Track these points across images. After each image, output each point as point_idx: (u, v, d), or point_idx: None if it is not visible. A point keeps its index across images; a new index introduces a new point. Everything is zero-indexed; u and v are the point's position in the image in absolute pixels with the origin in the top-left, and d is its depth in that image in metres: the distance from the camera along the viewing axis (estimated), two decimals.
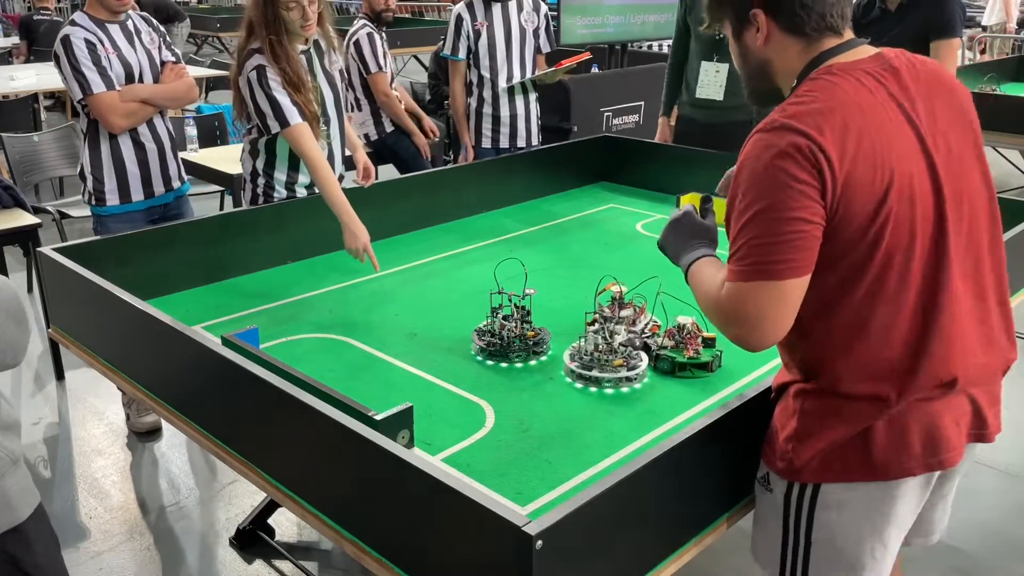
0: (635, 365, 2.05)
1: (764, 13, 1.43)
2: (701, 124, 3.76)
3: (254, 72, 2.64)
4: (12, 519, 1.51)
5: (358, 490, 1.52)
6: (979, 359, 1.45)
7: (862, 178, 1.32)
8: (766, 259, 1.33)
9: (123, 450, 3.26)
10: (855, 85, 1.36)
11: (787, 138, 1.31)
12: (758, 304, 1.36)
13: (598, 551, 1.36)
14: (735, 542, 2.62)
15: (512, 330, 2.18)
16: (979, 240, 1.46)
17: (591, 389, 2.02)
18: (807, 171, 1.30)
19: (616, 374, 2.02)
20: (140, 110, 3.04)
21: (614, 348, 2.07)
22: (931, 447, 1.42)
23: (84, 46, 2.90)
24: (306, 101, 2.68)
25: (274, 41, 2.62)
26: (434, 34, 9.20)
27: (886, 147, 1.33)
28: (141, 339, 2.07)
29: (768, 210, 1.32)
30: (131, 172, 3.09)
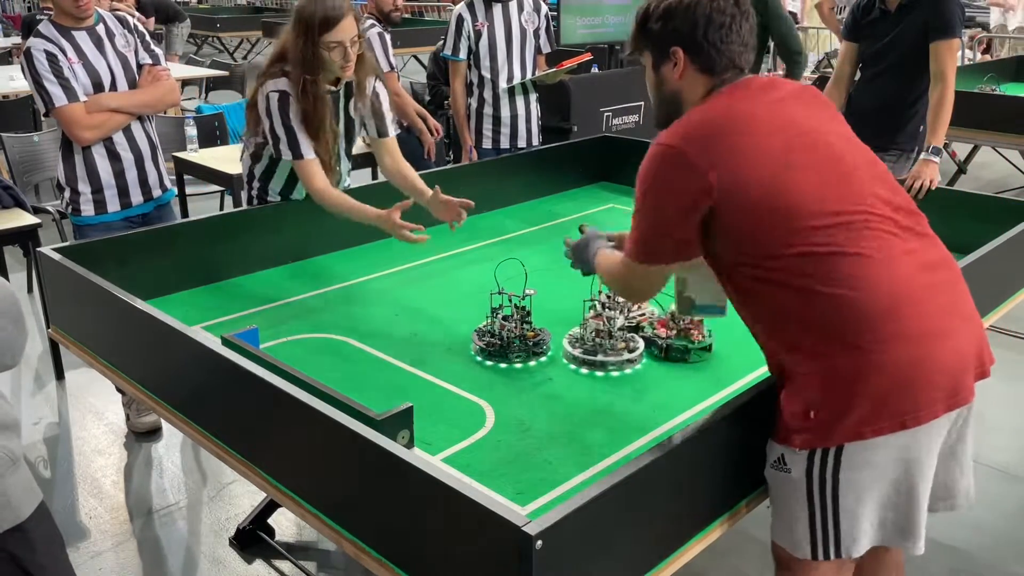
0: (635, 347, 2.15)
1: (683, 52, 1.64)
2: None
3: (277, 95, 2.53)
4: (14, 518, 1.51)
5: (358, 490, 1.52)
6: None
7: (743, 166, 1.51)
8: (652, 248, 1.63)
9: (123, 450, 3.26)
10: (737, 95, 1.61)
11: (667, 152, 1.55)
12: (646, 278, 1.70)
13: (598, 551, 1.36)
14: (735, 542, 2.63)
15: (512, 330, 2.18)
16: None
17: (597, 374, 2.10)
18: (681, 181, 1.53)
19: (619, 357, 2.10)
20: (108, 120, 2.94)
21: (612, 332, 2.15)
22: (948, 385, 1.50)
23: (44, 58, 2.81)
24: (320, 148, 2.58)
25: (308, 81, 2.48)
26: (434, 34, 9.19)
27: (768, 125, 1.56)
28: (141, 339, 2.07)
29: (654, 209, 1.59)
30: (106, 182, 3.00)
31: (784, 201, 1.50)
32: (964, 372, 1.54)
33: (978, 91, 5.79)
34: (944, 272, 1.60)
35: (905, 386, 1.47)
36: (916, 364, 1.48)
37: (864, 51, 3.42)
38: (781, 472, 1.59)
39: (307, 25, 2.43)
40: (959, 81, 3.33)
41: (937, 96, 3.14)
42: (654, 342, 2.19)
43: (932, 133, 3.13)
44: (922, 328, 1.49)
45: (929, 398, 1.49)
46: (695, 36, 1.62)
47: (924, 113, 3.30)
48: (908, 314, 1.49)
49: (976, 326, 1.60)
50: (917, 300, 1.51)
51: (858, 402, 1.48)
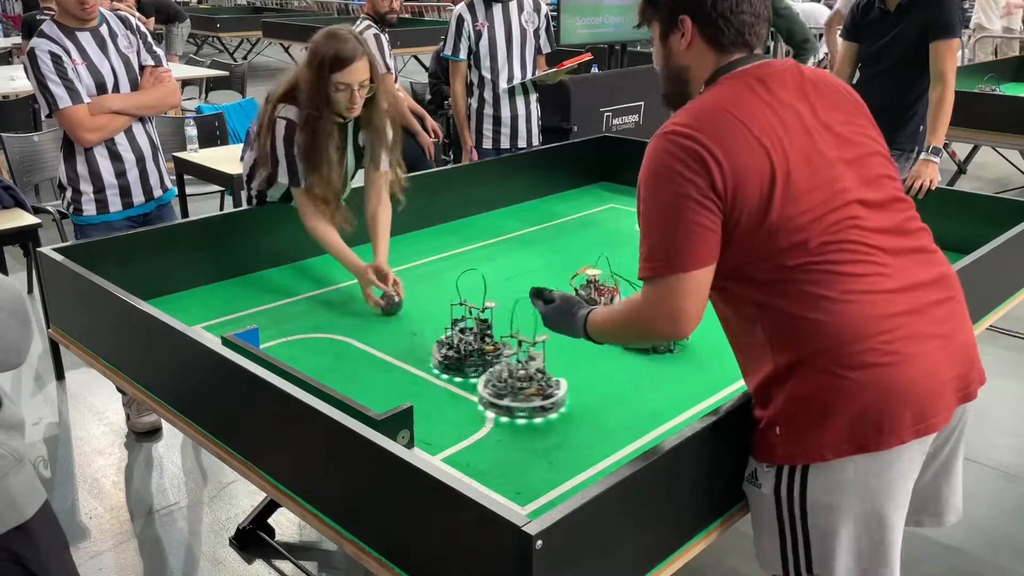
0: (551, 394, 1.92)
1: (691, 20, 1.56)
2: None
3: (285, 123, 2.53)
4: (17, 517, 1.51)
5: (358, 490, 1.52)
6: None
7: (747, 160, 1.44)
8: (669, 256, 1.45)
9: (123, 450, 3.26)
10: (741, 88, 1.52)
11: (675, 140, 1.46)
12: (675, 296, 1.47)
13: (598, 551, 1.36)
14: (735, 542, 2.62)
15: (470, 344, 2.11)
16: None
17: (502, 419, 1.89)
18: (692, 168, 1.43)
19: (529, 403, 1.89)
20: (111, 122, 2.95)
21: (531, 375, 1.94)
22: (918, 412, 1.44)
23: (49, 59, 2.81)
24: (317, 181, 2.54)
25: (313, 116, 2.49)
26: (434, 34, 9.20)
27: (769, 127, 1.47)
28: (141, 339, 2.07)
29: (664, 211, 1.46)
30: (108, 183, 3.01)
31: (774, 215, 1.44)
32: (937, 396, 1.47)
33: (978, 91, 5.79)
34: (931, 293, 1.52)
35: (869, 412, 1.43)
36: (881, 390, 1.43)
37: (863, 51, 3.42)
38: (753, 487, 1.58)
39: (320, 62, 2.44)
40: (959, 81, 3.34)
41: (937, 96, 3.14)
42: None
43: (932, 133, 3.13)
44: (891, 354, 1.43)
45: (894, 424, 1.43)
46: (704, 4, 1.54)
47: (924, 113, 3.30)
48: (878, 341, 1.43)
49: (959, 347, 1.52)
50: (890, 327, 1.44)
51: (822, 423, 1.45)
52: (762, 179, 1.45)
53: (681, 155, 1.44)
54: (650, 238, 1.48)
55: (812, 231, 1.45)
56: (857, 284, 1.45)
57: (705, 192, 1.43)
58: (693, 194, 1.43)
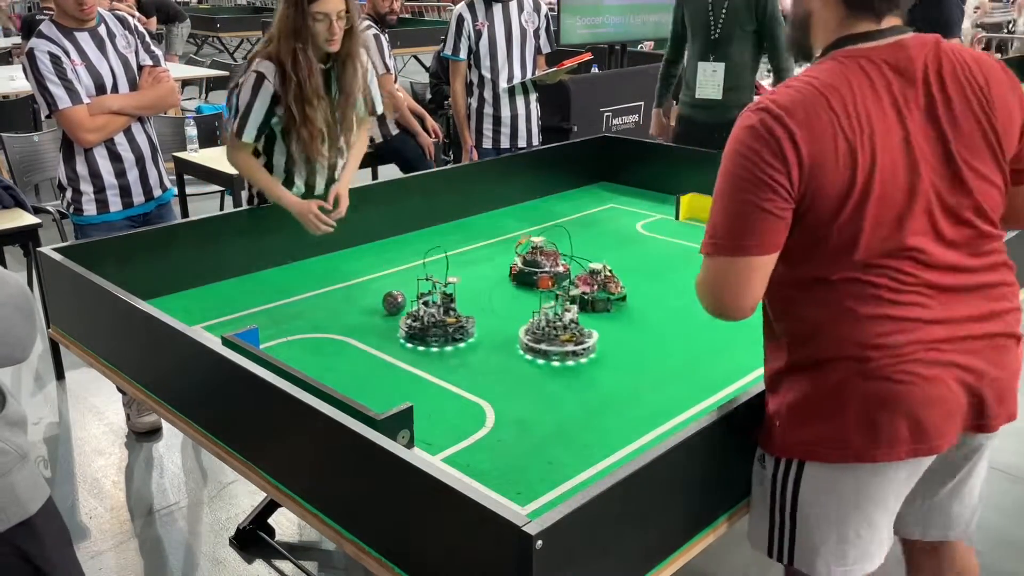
0: (582, 340, 2.17)
1: None
2: (701, 124, 3.79)
3: (255, 76, 2.60)
4: (22, 513, 1.51)
5: (358, 490, 1.52)
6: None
7: (830, 158, 1.36)
8: (732, 237, 1.42)
9: (123, 450, 3.26)
10: (852, 72, 1.40)
11: (763, 119, 1.39)
12: (723, 278, 1.44)
13: (598, 551, 1.36)
14: (735, 542, 2.62)
15: (433, 315, 2.25)
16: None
17: (539, 362, 2.15)
18: (772, 152, 1.37)
19: (562, 348, 2.14)
20: (111, 122, 2.95)
21: (565, 325, 2.18)
22: (918, 432, 1.43)
23: (48, 60, 2.81)
24: (314, 117, 2.60)
25: (299, 49, 2.55)
26: (434, 34, 9.20)
27: (865, 131, 1.38)
28: (141, 339, 2.07)
29: (735, 190, 1.41)
30: (108, 183, 3.01)
31: (836, 223, 1.39)
32: (943, 421, 1.44)
33: None
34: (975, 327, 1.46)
35: (869, 423, 1.43)
36: (883, 404, 1.42)
37: None
38: (759, 468, 1.61)
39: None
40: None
41: None
42: (580, 298, 2.41)
43: None
44: (903, 373, 1.41)
45: (892, 439, 1.42)
46: None
47: None
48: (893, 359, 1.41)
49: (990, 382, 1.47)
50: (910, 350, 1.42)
51: (823, 425, 1.46)
52: (838, 186, 1.38)
53: (765, 135, 1.38)
54: (716, 213, 1.45)
55: (866, 251, 1.41)
56: (890, 309, 1.42)
57: (779, 180, 1.38)
58: (767, 179, 1.38)
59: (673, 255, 2.95)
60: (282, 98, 2.60)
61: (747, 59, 3.71)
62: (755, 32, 3.66)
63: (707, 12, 3.67)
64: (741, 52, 3.69)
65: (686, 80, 3.87)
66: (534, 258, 2.68)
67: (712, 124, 3.76)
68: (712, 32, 3.69)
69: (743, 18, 3.63)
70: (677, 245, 3.05)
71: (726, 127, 4.20)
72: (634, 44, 6.72)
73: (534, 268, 2.65)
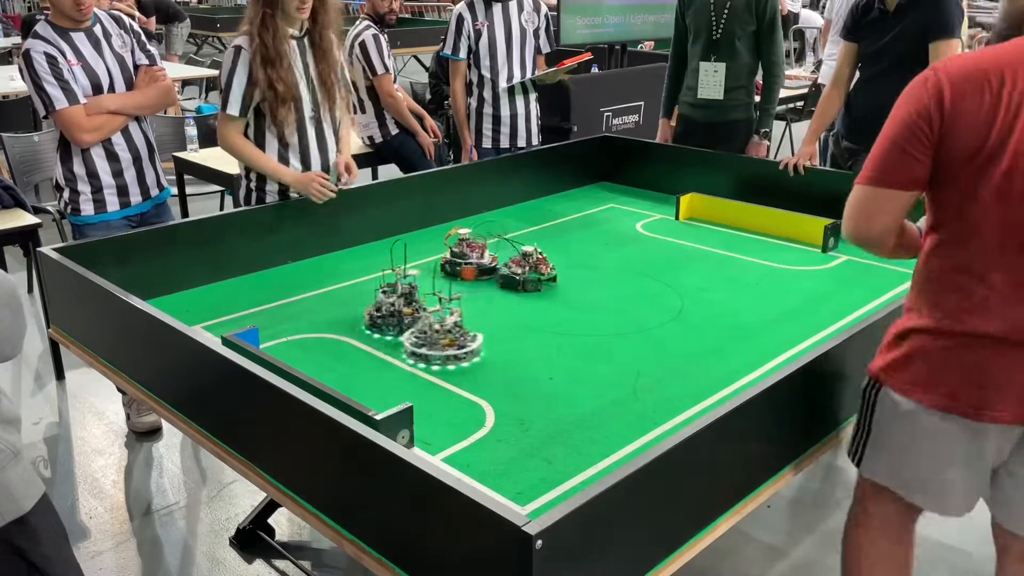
0: (464, 344, 2.20)
1: None
2: (702, 123, 3.80)
3: (233, 50, 2.76)
4: (16, 510, 1.51)
5: (358, 490, 1.52)
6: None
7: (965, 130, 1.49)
8: (874, 169, 1.60)
9: (123, 450, 3.26)
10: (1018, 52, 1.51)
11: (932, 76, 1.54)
12: (858, 203, 1.64)
13: (598, 551, 1.36)
14: (735, 542, 2.63)
15: (392, 305, 2.30)
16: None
17: (420, 365, 2.16)
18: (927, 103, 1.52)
19: (443, 352, 2.17)
20: (108, 123, 2.95)
21: (448, 329, 2.22)
22: (980, 397, 1.56)
23: (45, 60, 2.80)
24: (278, 78, 2.71)
25: (267, 14, 2.69)
26: (434, 34, 9.20)
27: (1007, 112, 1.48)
28: (141, 339, 2.07)
29: (888, 128, 1.59)
30: (105, 183, 3.01)
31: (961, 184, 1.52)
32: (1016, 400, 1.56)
33: None
34: None
35: (972, 381, 1.56)
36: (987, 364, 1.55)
37: (863, 51, 3.42)
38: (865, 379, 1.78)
39: None
40: None
41: None
42: (512, 278, 2.60)
43: None
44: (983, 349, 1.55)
45: (992, 400, 1.55)
46: None
47: None
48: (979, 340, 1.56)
49: None
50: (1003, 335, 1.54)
51: (919, 364, 1.62)
52: (970, 149, 1.50)
53: (928, 87, 1.53)
54: (873, 149, 1.62)
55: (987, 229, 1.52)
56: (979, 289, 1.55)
57: (924, 128, 1.53)
58: (914, 123, 1.54)
59: (673, 255, 2.95)
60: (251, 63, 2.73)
61: (748, 59, 3.73)
62: (755, 32, 3.68)
63: (709, 12, 3.70)
64: (742, 52, 3.71)
65: (686, 80, 3.88)
66: (461, 250, 2.74)
67: (713, 124, 3.78)
68: (714, 32, 3.71)
69: (744, 18, 3.65)
70: (677, 245, 3.05)
71: (726, 126, 4.22)
72: (634, 44, 6.72)
73: (459, 260, 2.72)
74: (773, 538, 2.70)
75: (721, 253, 2.96)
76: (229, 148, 2.85)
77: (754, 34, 3.69)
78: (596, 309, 2.50)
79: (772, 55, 3.74)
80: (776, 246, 3.04)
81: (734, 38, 3.68)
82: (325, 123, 2.90)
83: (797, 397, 1.78)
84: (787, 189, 3.28)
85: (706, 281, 2.70)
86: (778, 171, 3.34)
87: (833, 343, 1.84)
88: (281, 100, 2.73)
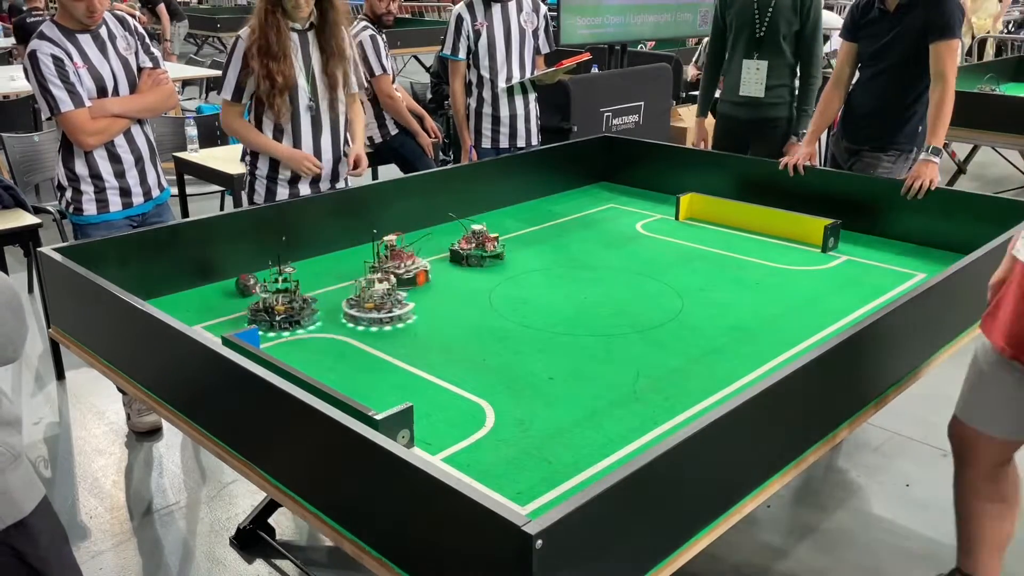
0: (390, 309, 2.38)
1: None
2: (743, 121, 3.87)
3: (234, 39, 2.91)
4: (16, 513, 1.51)
5: (358, 490, 1.52)
6: None
7: None
8: None
9: (123, 450, 3.26)
10: None
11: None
12: None
13: (598, 551, 1.36)
14: (735, 542, 2.63)
15: (266, 300, 2.37)
16: None
17: (359, 328, 2.36)
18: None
19: (368, 315, 2.36)
20: (111, 125, 2.97)
21: (381, 294, 2.42)
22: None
23: (51, 62, 2.81)
24: (277, 71, 2.83)
25: (269, 10, 2.80)
26: (434, 34, 9.20)
27: None
28: (141, 339, 2.07)
29: None
30: (108, 184, 3.03)
31: None
32: None
33: (978, 91, 5.79)
34: None
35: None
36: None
37: (863, 51, 3.42)
38: None
39: None
40: (959, 81, 3.34)
41: (938, 97, 3.14)
42: (458, 253, 2.80)
43: (932, 134, 3.13)
44: None
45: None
46: None
47: (923, 113, 3.30)
48: None
49: None
50: None
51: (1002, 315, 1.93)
52: None
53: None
54: None
55: None
56: None
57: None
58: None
59: (673, 255, 2.95)
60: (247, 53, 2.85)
61: (789, 58, 3.79)
62: (797, 33, 3.75)
63: (752, 10, 3.76)
64: (785, 50, 3.78)
65: (726, 80, 3.91)
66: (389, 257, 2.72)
67: (753, 121, 3.85)
68: (757, 30, 3.78)
69: (789, 17, 3.74)
70: (677, 245, 3.05)
71: (767, 124, 4.29)
72: (634, 44, 6.72)
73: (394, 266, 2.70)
74: (773, 538, 2.70)
75: (721, 253, 2.96)
76: (228, 128, 3.06)
77: (796, 34, 3.76)
78: (595, 309, 2.50)
79: (812, 56, 3.81)
80: (776, 246, 3.04)
81: (778, 36, 3.76)
82: (323, 114, 3.01)
83: (797, 397, 1.78)
84: (787, 189, 3.28)
85: (706, 281, 2.70)
86: (778, 171, 3.34)
87: (833, 343, 1.83)
88: (278, 91, 2.85)
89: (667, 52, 7.49)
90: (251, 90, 2.94)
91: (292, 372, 1.77)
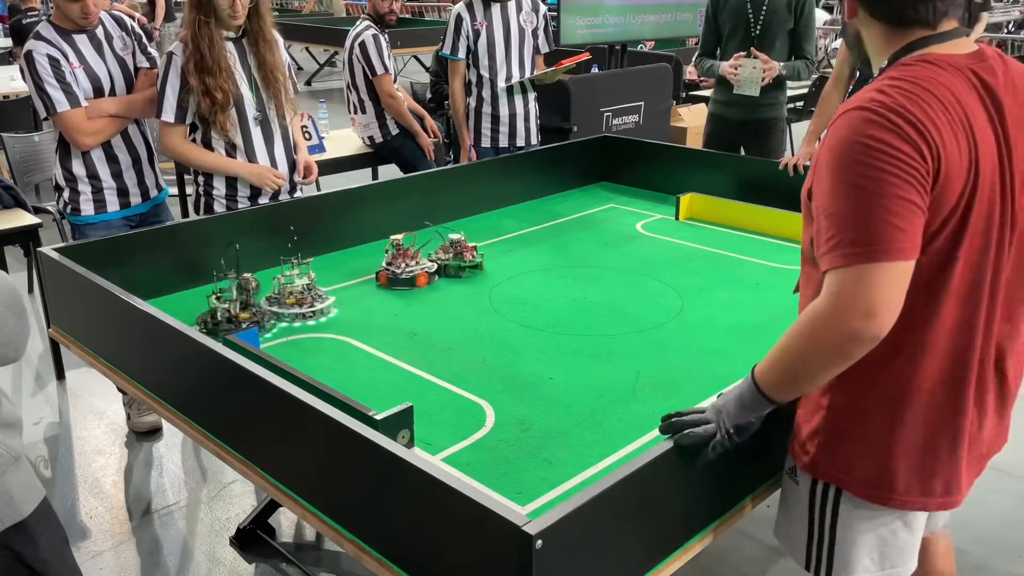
0: (311, 304, 2.40)
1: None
2: (735, 121, 3.87)
3: (166, 57, 2.78)
4: (15, 515, 1.51)
5: (358, 490, 1.52)
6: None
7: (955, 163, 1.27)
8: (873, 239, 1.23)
9: (123, 450, 3.26)
10: (948, 76, 1.31)
11: (886, 111, 1.25)
12: (874, 288, 1.23)
13: (598, 551, 1.36)
14: (735, 542, 2.63)
15: (227, 311, 2.29)
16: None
17: (282, 324, 2.37)
18: (908, 143, 1.23)
19: (289, 310, 2.38)
20: (108, 126, 2.96)
21: (299, 290, 2.41)
22: (947, 486, 1.45)
23: (47, 63, 2.81)
24: (216, 86, 2.72)
25: (200, 21, 2.68)
26: (434, 34, 9.19)
27: (973, 140, 1.29)
28: (141, 339, 2.07)
29: (868, 185, 1.23)
30: (106, 184, 3.03)
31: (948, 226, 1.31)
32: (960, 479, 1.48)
33: None
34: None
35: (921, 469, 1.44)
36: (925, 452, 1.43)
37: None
38: (791, 481, 1.59)
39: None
40: None
41: None
42: (437, 263, 2.69)
43: None
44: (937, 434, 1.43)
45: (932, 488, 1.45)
46: None
47: None
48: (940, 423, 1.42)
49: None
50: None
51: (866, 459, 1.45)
52: (962, 178, 1.28)
53: (890, 124, 1.24)
54: (842, 222, 1.25)
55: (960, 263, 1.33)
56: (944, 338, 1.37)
57: (917, 167, 1.23)
58: (903, 168, 1.22)
59: (673, 255, 2.95)
60: (184, 69, 2.73)
61: (784, 57, 3.81)
62: (791, 31, 3.76)
63: (746, 10, 3.76)
64: (779, 50, 3.78)
65: (718, 79, 3.91)
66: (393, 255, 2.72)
67: (745, 121, 3.85)
68: (752, 29, 3.78)
69: (783, 16, 3.74)
70: (677, 245, 3.05)
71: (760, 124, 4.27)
72: (634, 44, 6.72)
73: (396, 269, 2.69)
74: (773, 538, 2.69)
75: (721, 253, 2.96)
76: (171, 153, 2.90)
77: (790, 33, 3.77)
78: (595, 309, 2.50)
79: (806, 53, 3.83)
80: (776, 246, 3.04)
81: (773, 36, 3.76)
82: (272, 123, 2.92)
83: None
84: (787, 189, 3.28)
85: (706, 281, 2.70)
86: (778, 171, 3.34)
87: None
88: (220, 107, 2.74)
89: (667, 52, 7.48)
90: (195, 108, 2.80)
91: (292, 372, 1.77)
